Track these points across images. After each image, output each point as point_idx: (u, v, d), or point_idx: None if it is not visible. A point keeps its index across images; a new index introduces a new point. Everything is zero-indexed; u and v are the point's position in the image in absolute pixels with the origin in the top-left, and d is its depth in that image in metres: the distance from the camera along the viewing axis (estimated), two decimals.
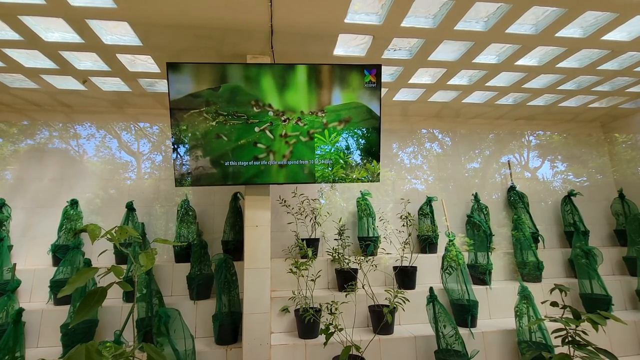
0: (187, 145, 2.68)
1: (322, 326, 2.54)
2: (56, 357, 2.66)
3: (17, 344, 2.58)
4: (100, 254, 2.17)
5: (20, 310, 2.68)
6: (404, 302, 2.77)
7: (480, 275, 3.56)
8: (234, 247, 3.45)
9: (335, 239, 3.57)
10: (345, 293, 3.06)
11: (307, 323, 2.79)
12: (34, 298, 3.25)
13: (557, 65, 3.20)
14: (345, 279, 3.25)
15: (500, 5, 2.43)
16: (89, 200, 3.74)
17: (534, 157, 4.75)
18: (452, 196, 4.32)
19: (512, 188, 4.38)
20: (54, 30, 2.64)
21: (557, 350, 2.10)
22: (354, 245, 3.82)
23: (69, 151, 3.90)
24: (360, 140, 2.87)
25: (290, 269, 3.03)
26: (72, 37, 2.62)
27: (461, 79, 3.54)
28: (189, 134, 2.67)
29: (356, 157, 2.86)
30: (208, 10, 2.33)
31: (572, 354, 1.70)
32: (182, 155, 2.69)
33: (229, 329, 2.86)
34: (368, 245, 3.65)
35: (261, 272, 2.69)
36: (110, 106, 3.92)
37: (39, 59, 2.95)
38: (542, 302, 2.33)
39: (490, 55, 3.12)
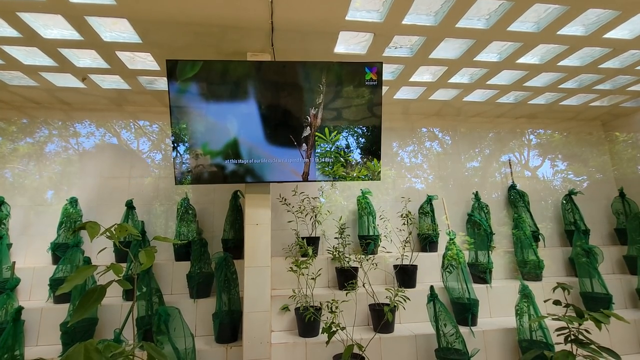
0: (187, 143, 2.67)
1: (322, 325, 2.53)
2: (55, 355, 2.65)
3: (16, 343, 2.57)
4: (99, 251, 2.17)
5: (20, 309, 2.67)
6: (405, 300, 2.76)
7: (481, 273, 3.55)
8: (234, 246, 3.44)
9: (335, 238, 3.56)
10: (345, 292, 3.06)
11: (307, 322, 2.79)
12: (34, 296, 3.24)
13: (559, 64, 3.19)
14: (346, 278, 3.25)
15: (502, 3, 2.41)
16: (88, 199, 3.72)
17: (535, 155, 4.74)
18: (452, 195, 4.31)
19: (512, 187, 4.38)
20: (53, 27, 2.62)
21: (558, 349, 2.09)
22: (354, 243, 3.82)
23: (69, 149, 3.89)
24: (360, 138, 2.86)
25: (291, 268, 3.02)
26: (71, 34, 2.60)
27: (462, 77, 3.53)
28: (189, 132, 2.66)
29: (356, 155, 2.85)
30: (208, 7, 2.32)
31: (575, 352, 1.70)
32: (182, 153, 2.67)
33: (229, 327, 2.86)
34: (368, 243, 3.64)
35: (261, 271, 2.68)
36: (109, 104, 3.90)
37: (37, 56, 2.94)
38: (545, 301, 2.32)
39: (491, 53, 3.11)
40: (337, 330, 2.41)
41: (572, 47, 2.91)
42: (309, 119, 2.72)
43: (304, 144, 2.73)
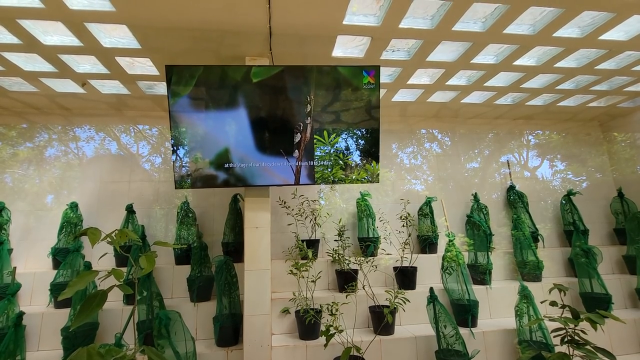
0: (186, 147, 2.68)
1: (322, 327, 2.54)
2: None
3: (17, 348, 2.58)
4: (100, 257, 2.18)
5: (21, 314, 2.68)
6: (405, 302, 2.77)
7: (480, 275, 3.56)
8: (234, 249, 3.45)
9: (335, 240, 3.57)
10: (345, 294, 3.06)
11: (307, 324, 2.79)
12: (34, 301, 3.25)
13: (555, 65, 3.21)
14: (346, 280, 3.26)
15: (498, 6, 2.43)
16: (88, 203, 3.74)
17: (533, 156, 4.76)
18: (451, 196, 4.32)
19: (511, 187, 4.39)
20: (53, 34, 2.64)
21: (557, 350, 2.10)
22: (354, 246, 3.83)
23: (68, 153, 3.90)
24: (359, 140, 2.87)
25: (291, 270, 3.03)
26: (71, 40, 2.62)
27: (460, 79, 3.54)
28: (189, 136, 2.67)
29: (356, 157, 2.87)
30: (206, 12, 2.34)
31: (571, 353, 1.71)
32: (181, 157, 2.69)
33: (229, 330, 2.86)
34: (368, 245, 3.65)
35: (261, 274, 2.69)
36: (109, 109, 3.92)
37: (37, 63, 2.95)
38: (542, 302, 2.34)
39: (488, 55, 3.13)
40: (335, 332, 2.42)
41: (568, 48, 2.93)
42: (300, 127, 2.74)
43: (296, 150, 2.75)
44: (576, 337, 1.80)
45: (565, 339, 1.81)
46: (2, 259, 3.19)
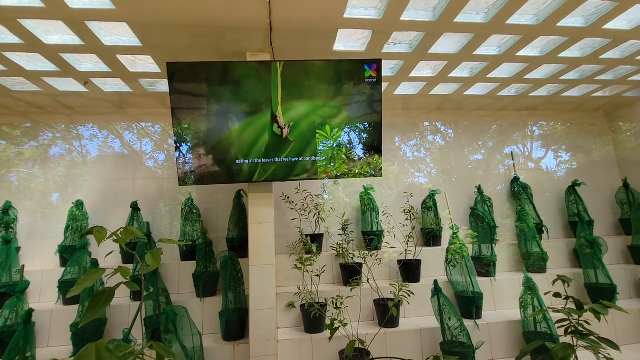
0: (189, 144, 2.69)
1: (327, 321, 2.56)
2: (66, 356, 2.70)
3: (27, 344, 2.62)
4: (107, 255, 2.20)
5: (30, 311, 2.72)
6: (409, 295, 2.78)
7: (485, 267, 3.56)
8: (239, 245, 3.47)
9: (339, 234, 3.59)
10: (350, 287, 3.08)
11: (312, 318, 2.82)
12: (43, 298, 3.29)
13: (559, 55, 3.17)
14: (350, 274, 3.27)
15: None
16: (93, 201, 3.77)
17: (538, 147, 4.73)
18: (455, 188, 4.31)
19: (515, 179, 4.37)
20: (54, 33, 2.64)
21: (561, 340, 2.11)
22: (358, 240, 3.84)
23: (72, 152, 3.92)
24: (362, 134, 2.87)
25: (295, 265, 3.05)
26: (72, 39, 2.63)
27: (462, 71, 3.52)
28: (191, 133, 2.68)
29: (359, 151, 2.87)
30: (207, 8, 2.33)
31: (575, 344, 1.71)
32: (184, 153, 2.70)
33: (235, 325, 2.89)
34: (372, 239, 3.66)
35: (266, 269, 2.71)
36: (111, 107, 3.93)
37: (39, 62, 2.96)
38: (545, 294, 2.34)
39: (491, 46, 3.10)
40: (340, 326, 2.43)
41: (572, 38, 2.90)
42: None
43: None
44: (580, 328, 1.80)
45: (569, 330, 1.81)
46: (10, 257, 3.23)
